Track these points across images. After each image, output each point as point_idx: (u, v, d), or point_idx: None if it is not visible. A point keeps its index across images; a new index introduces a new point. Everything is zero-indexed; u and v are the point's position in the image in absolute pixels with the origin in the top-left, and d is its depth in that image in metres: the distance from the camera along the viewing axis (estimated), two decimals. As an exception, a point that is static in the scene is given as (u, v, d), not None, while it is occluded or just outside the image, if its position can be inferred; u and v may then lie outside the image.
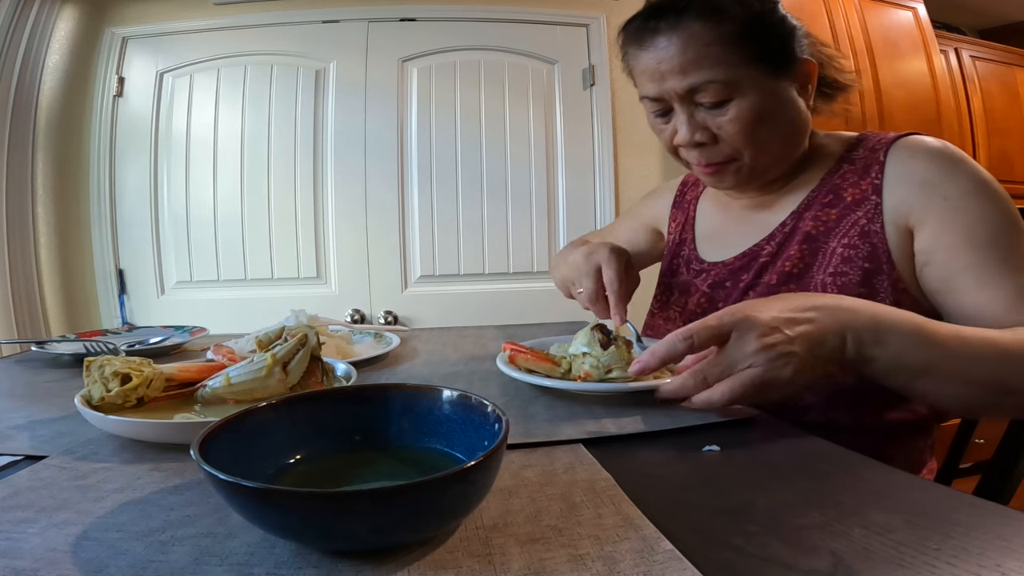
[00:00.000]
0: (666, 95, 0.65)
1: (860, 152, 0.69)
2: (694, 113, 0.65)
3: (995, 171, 0.66)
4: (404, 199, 1.86)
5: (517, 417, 0.52)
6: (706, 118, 0.64)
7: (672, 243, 0.89)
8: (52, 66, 1.71)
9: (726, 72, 0.61)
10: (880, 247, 0.63)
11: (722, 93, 0.62)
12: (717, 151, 0.66)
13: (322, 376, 0.55)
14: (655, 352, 0.50)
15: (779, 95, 0.64)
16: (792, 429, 0.49)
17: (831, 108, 0.75)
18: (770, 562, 0.28)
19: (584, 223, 1.91)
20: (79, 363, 0.65)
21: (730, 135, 0.64)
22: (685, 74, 0.62)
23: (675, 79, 0.63)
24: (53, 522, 0.33)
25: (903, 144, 0.65)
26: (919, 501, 0.34)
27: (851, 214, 0.65)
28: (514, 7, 1.88)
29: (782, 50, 0.64)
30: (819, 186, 0.70)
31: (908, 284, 0.63)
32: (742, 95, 0.62)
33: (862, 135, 0.71)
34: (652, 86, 0.66)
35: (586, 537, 0.30)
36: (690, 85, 0.62)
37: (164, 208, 1.82)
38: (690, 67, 0.62)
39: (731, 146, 0.65)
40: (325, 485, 0.35)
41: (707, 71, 0.61)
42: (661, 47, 0.63)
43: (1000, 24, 2.55)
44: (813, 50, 0.70)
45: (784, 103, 0.65)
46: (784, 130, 0.66)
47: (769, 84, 0.63)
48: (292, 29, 1.83)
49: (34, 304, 1.66)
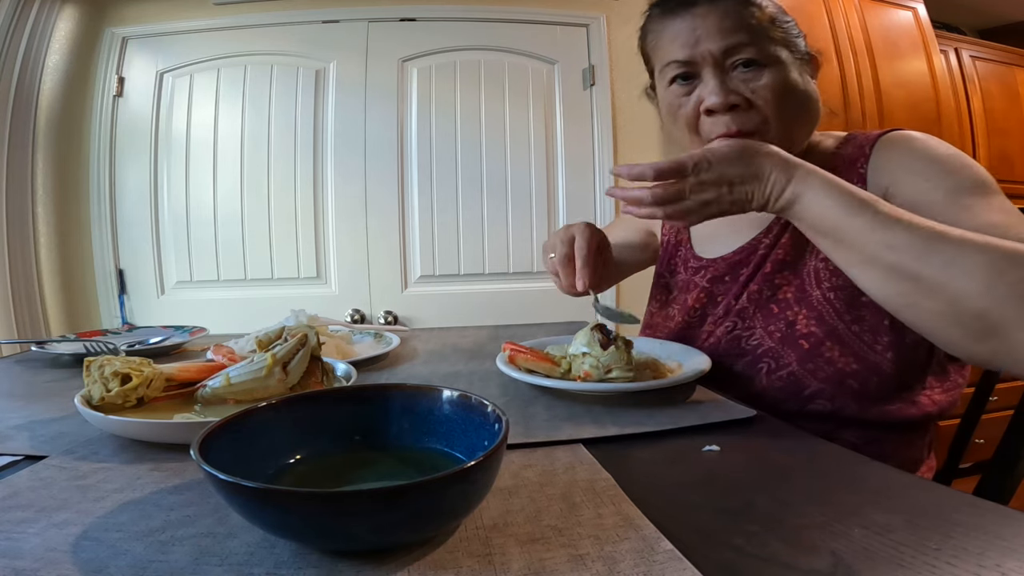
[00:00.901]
0: (699, 57, 0.66)
1: (848, 149, 0.70)
2: (729, 76, 0.66)
3: (995, 171, 0.66)
4: (404, 199, 1.86)
5: (517, 417, 0.52)
6: (739, 84, 0.65)
7: (668, 244, 0.89)
8: (52, 66, 1.71)
9: (762, 41, 0.64)
10: None
11: (758, 58, 0.64)
12: (749, 117, 0.66)
13: (322, 376, 0.55)
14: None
15: (804, 79, 0.68)
16: (792, 429, 0.49)
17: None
18: (770, 562, 0.28)
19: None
20: (79, 363, 0.65)
21: (765, 100, 0.65)
22: (724, 36, 0.64)
23: (712, 40, 0.64)
24: (53, 522, 0.33)
25: (886, 138, 0.67)
26: (919, 501, 0.34)
27: None
28: (514, 7, 1.88)
29: (800, 42, 0.68)
30: None
31: None
32: (775, 66, 0.65)
33: (851, 134, 0.73)
34: (684, 50, 0.66)
35: (586, 537, 0.30)
36: (728, 44, 0.64)
37: (164, 208, 1.82)
38: (729, 32, 0.64)
39: (763, 113, 0.66)
40: (325, 485, 0.35)
41: (745, 34, 0.64)
42: (699, 15, 0.65)
43: (1000, 24, 2.55)
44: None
45: (807, 88, 0.68)
46: (807, 111, 0.68)
47: (796, 65, 0.67)
48: (292, 29, 1.83)
49: (34, 304, 1.66)
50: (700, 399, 0.56)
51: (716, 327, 0.73)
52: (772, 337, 0.67)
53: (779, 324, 0.67)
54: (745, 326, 0.70)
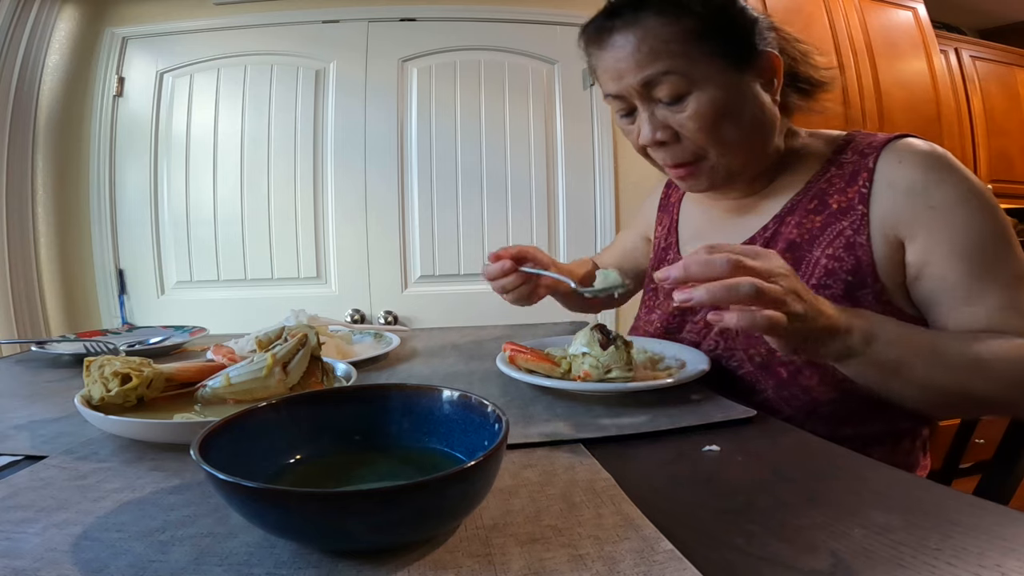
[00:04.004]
0: (626, 92, 0.64)
1: (848, 155, 0.66)
2: (655, 111, 0.64)
3: (995, 171, 0.66)
4: (404, 199, 1.86)
5: (517, 417, 0.52)
6: (667, 115, 0.63)
7: (658, 247, 0.88)
8: (52, 66, 1.71)
9: (683, 65, 0.60)
10: (864, 260, 0.61)
11: (679, 86, 0.61)
12: (681, 150, 0.65)
13: (322, 376, 0.55)
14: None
15: (740, 90, 0.63)
16: (792, 429, 0.49)
17: (811, 105, 0.73)
18: (770, 562, 0.28)
19: (584, 223, 1.91)
20: (79, 363, 0.65)
21: (691, 132, 0.63)
22: (641, 68, 0.61)
23: (632, 74, 0.62)
24: (53, 522, 0.33)
25: (891, 149, 0.63)
26: (919, 501, 0.34)
27: (836, 223, 0.64)
28: (514, 7, 1.88)
29: (743, 43, 0.62)
30: (804, 190, 0.68)
31: (893, 295, 0.62)
32: (700, 89, 0.61)
33: (850, 135, 0.69)
34: (612, 84, 0.65)
35: (586, 537, 0.30)
36: (645, 78, 0.61)
37: (164, 208, 1.82)
38: (645, 61, 0.61)
39: (694, 143, 0.64)
40: (325, 485, 0.35)
41: (662, 63, 0.60)
42: (619, 45, 0.62)
43: (1000, 24, 2.55)
44: (786, 45, 0.68)
45: (746, 98, 0.63)
46: (748, 126, 0.64)
47: (730, 78, 0.62)
48: (292, 29, 1.83)
49: (34, 304, 1.66)
50: (700, 399, 0.56)
51: (701, 339, 0.72)
52: (752, 361, 0.65)
53: (759, 348, 0.64)
54: (727, 346, 0.68)
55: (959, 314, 0.59)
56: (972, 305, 0.58)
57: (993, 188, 2.09)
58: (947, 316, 0.60)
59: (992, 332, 0.56)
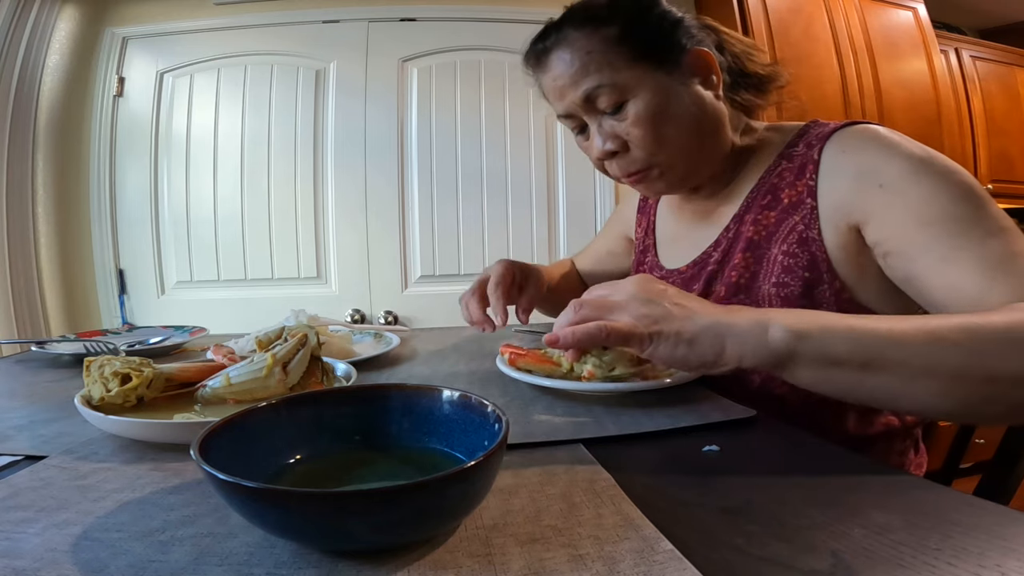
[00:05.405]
0: (572, 110, 0.65)
1: (800, 148, 0.65)
2: (602, 123, 0.64)
3: (995, 171, 0.66)
4: (404, 199, 1.86)
5: (517, 417, 0.52)
6: (614, 125, 0.64)
7: (638, 250, 0.89)
8: (52, 66, 1.71)
9: (612, 75, 0.61)
10: (819, 255, 0.60)
11: (615, 95, 0.62)
12: (631, 159, 0.65)
13: (322, 376, 0.55)
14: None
15: (676, 90, 0.63)
16: (792, 429, 0.49)
17: (768, 100, 0.73)
18: (770, 562, 0.28)
19: (584, 222, 1.91)
20: (79, 363, 0.65)
21: (637, 138, 0.63)
22: (576, 84, 0.62)
23: (571, 91, 0.63)
24: (53, 522, 0.33)
25: (834, 139, 0.62)
26: (919, 501, 0.34)
27: (789, 218, 0.63)
28: (514, 7, 1.88)
29: (667, 44, 0.63)
30: (757, 186, 0.68)
31: (854, 291, 0.60)
32: (635, 96, 0.62)
33: (806, 126, 0.68)
34: (559, 104, 0.66)
35: (586, 537, 0.30)
36: (584, 93, 0.62)
37: (164, 208, 1.82)
38: (579, 76, 0.62)
39: (641, 150, 0.64)
40: (325, 485, 0.35)
41: (594, 76, 0.61)
42: (554, 65, 0.64)
43: (1000, 24, 2.55)
44: (724, 44, 0.69)
45: (681, 98, 0.63)
46: (690, 125, 0.64)
47: (660, 80, 0.62)
48: (292, 29, 1.83)
49: (34, 304, 1.66)
50: (700, 399, 0.56)
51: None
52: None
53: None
54: None
55: (944, 277, 0.51)
56: (954, 264, 0.50)
57: (993, 188, 2.09)
58: (932, 285, 0.52)
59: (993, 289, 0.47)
